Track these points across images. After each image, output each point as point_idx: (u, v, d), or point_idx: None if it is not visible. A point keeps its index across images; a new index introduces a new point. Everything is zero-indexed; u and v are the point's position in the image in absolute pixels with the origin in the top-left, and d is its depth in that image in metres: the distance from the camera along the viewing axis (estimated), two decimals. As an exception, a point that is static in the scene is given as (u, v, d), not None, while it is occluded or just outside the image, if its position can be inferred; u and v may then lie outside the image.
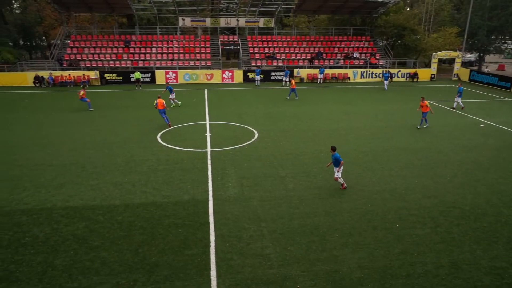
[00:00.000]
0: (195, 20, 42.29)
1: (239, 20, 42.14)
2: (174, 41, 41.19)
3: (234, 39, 42.54)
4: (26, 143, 17.98)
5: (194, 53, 40.22)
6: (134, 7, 41.75)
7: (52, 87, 34.53)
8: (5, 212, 11.44)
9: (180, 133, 19.86)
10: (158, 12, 43.99)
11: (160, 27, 43.35)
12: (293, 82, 29.44)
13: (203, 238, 10.12)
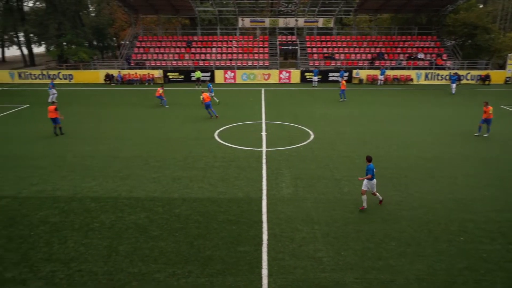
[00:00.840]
0: (254, 21, 42.85)
1: (297, 20, 41.98)
2: (233, 42, 42.07)
3: (292, 39, 42.46)
4: (97, 136, 19.41)
5: (252, 53, 40.77)
6: (196, 9, 43.28)
7: (120, 84, 36.93)
8: (77, 198, 12.47)
9: (237, 131, 20.25)
10: (219, 13, 45.20)
11: (220, 27, 44.52)
12: (344, 83, 28.64)
13: (255, 236, 10.25)
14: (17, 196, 12.68)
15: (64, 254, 9.46)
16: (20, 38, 57.82)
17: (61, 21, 48.54)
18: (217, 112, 23.41)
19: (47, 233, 10.44)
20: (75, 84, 37.38)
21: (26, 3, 56.37)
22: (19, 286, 8.34)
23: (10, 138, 19.29)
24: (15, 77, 38.67)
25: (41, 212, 11.58)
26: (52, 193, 12.87)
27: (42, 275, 8.70)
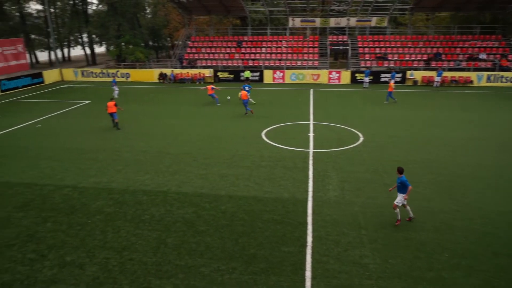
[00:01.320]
0: (305, 21, 42.52)
1: (349, 19, 41.05)
2: (283, 41, 42.04)
3: (343, 39, 41.60)
4: (150, 133, 20.29)
5: (302, 53, 40.49)
6: (247, 9, 43.77)
7: (173, 83, 38.30)
8: (130, 191, 13.13)
9: (284, 131, 20.22)
10: (270, 14, 45.37)
11: (270, 28, 44.68)
12: (392, 85, 27.45)
13: (300, 238, 10.18)
14: (77, 186, 13.60)
15: (117, 243, 10.00)
16: (84, 39, 61.86)
17: (121, 22, 51.29)
18: (264, 112, 23.70)
19: (102, 222, 11.10)
20: (131, 82, 39.34)
21: (90, 6, 60.29)
22: (77, 269, 8.95)
23: (72, 132, 20.72)
24: (79, 75, 41.47)
25: (98, 202, 12.33)
26: (107, 185, 13.65)
27: (97, 261, 9.26)
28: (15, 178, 14.42)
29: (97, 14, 57.11)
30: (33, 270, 8.97)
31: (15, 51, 36.75)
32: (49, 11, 48.73)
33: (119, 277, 8.66)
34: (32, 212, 11.78)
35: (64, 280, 8.59)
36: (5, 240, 10.26)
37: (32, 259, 9.40)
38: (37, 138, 19.68)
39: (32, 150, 17.60)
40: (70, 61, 65.89)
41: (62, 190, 13.26)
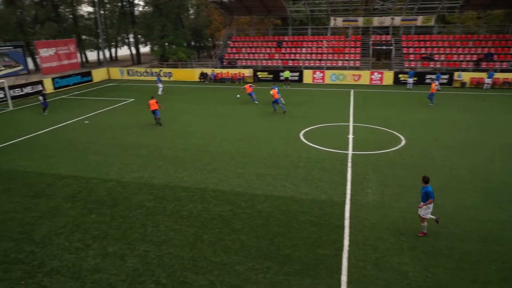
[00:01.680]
0: (347, 20, 41.72)
1: (394, 18, 39.80)
2: (324, 41, 41.52)
3: (386, 38, 40.39)
4: (190, 130, 20.77)
5: (343, 53, 39.77)
6: (289, 9, 43.63)
7: (213, 82, 38.96)
8: (170, 186, 13.52)
9: (323, 132, 19.96)
10: (311, 13, 44.95)
11: (311, 27, 44.26)
12: (434, 86, 26.18)
13: (336, 241, 10.01)
14: (120, 180, 14.19)
15: (156, 237, 10.34)
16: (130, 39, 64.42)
17: (165, 23, 52.89)
18: (303, 112, 23.63)
19: (143, 215, 11.51)
20: (173, 81, 40.46)
21: (137, 7, 62.70)
22: (118, 260, 9.34)
23: (117, 128, 21.65)
24: (124, 74, 43.25)
25: (139, 197, 12.80)
26: (149, 180, 14.13)
27: (137, 253, 9.62)
28: (65, 170, 15.30)
29: (143, 15, 59.26)
30: (78, 258, 9.47)
31: (68, 51, 38.94)
32: (99, 13, 51.19)
33: (157, 270, 8.94)
34: (79, 203, 12.44)
35: (106, 269, 9.00)
36: (54, 228, 10.91)
37: (77, 248, 9.92)
38: (85, 133, 20.76)
39: (80, 145, 18.58)
40: (117, 60, 68.84)
41: (107, 184, 13.90)
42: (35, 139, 19.97)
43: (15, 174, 15.01)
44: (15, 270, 9.05)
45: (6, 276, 8.84)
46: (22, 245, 10.09)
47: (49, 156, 17.03)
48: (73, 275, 8.80)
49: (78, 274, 8.84)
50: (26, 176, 14.79)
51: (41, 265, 9.21)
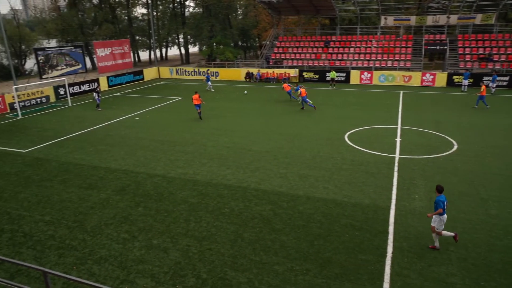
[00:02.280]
0: (399, 19, 40.19)
1: (450, 17, 37.74)
2: (373, 41, 40.33)
3: (441, 38, 38.41)
4: (234, 129, 21.07)
5: (393, 54, 38.37)
6: (337, 8, 42.85)
7: (258, 82, 39.21)
8: (213, 184, 13.80)
9: (369, 135, 19.41)
10: (360, 12, 43.84)
11: (360, 27, 43.15)
12: (483, 88, 24.40)
13: (379, 247, 9.70)
14: (166, 175, 14.70)
15: (198, 232, 10.60)
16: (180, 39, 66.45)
17: (213, 23, 54.03)
18: (349, 113, 23.21)
19: (186, 211, 11.85)
20: (220, 80, 41.21)
21: (187, 9, 64.60)
22: (162, 253, 9.69)
23: (165, 125, 22.45)
24: (174, 73, 44.72)
25: (183, 192, 13.18)
26: (193, 176, 14.52)
27: (179, 247, 9.92)
28: (115, 164, 16.12)
29: (193, 16, 60.94)
30: (125, 248, 9.94)
31: (122, 51, 40.94)
32: (152, 14, 53.35)
33: (198, 265, 9.16)
34: (127, 196, 13.05)
35: (150, 261, 9.37)
36: (105, 219, 11.53)
37: (125, 238, 10.42)
38: (135, 129, 21.74)
39: (130, 140, 19.49)
40: (167, 60, 71.29)
41: (153, 179, 14.46)
42: (90, 133, 21.23)
43: (71, 166, 16.06)
44: (68, 256, 9.68)
45: (61, 261, 9.48)
46: (76, 233, 10.77)
47: (102, 150, 18.03)
48: (119, 264, 9.26)
49: (124, 264, 9.28)
50: (81, 169, 15.76)
51: (91, 253, 9.78)
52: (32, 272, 8.98)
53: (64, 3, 59.90)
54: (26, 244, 10.31)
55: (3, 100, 27.84)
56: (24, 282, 8.44)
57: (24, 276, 8.90)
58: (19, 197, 13.24)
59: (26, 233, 10.85)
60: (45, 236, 10.65)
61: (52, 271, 5.94)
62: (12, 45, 49.36)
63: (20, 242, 10.40)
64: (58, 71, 33.49)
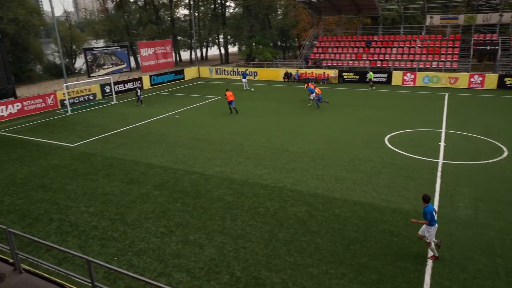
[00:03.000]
0: (445, 18, 38.49)
1: (503, 15, 35.60)
2: (417, 41, 38.88)
3: (492, 37, 36.33)
4: (271, 129, 21.08)
5: (439, 54, 36.78)
6: (380, 8, 41.69)
7: (297, 82, 38.99)
8: (249, 183, 13.89)
9: (411, 138, 18.74)
10: (404, 11, 42.40)
11: (404, 26, 41.73)
12: None
13: (418, 255, 9.35)
14: (204, 173, 14.98)
15: (233, 230, 10.71)
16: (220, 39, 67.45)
17: (253, 24, 54.37)
18: (390, 116, 22.62)
19: (222, 209, 12.01)
20: (258, 80, 41.41)
21: (228, 9, 65.42)
22: (197, 248, 9.88)
23: (204, 124, 22.88)
24: (213, 72, 45.47)
25: (220, 190, 13.37)
26: (229, 175, 14.69)
27: (215, 244, 10.08)
28: (155, 160, 16.64)
29: (233, 16, 61.62)
30: (163, 242, 10.24)
31: (164, 51, 42.17)
32: (193, 15, 54.52)
33: (232, 263, 9.26)
34: (166, 192, 13.43)
35: (186, 256, 9.59)
36: (144, 213, 11.94)
37: (162, 233, 10.74)
38: (175, 127, 22.32)
39: (170, 138, 20.04)
40: (207, 59, 72.58)
41: (191, 176, 14.78)
42: (132, 130, 22.05)
43: (115, 161, 16.76)
44: (110, 247, 10.12)
45: (103, 251, 9.93)
46: (117, 225, 11.24)
47: (143, 147, 18.67)
48: (157, 258, 9.55)
49: (162, 257, 9.56)
50: (124, 163, 16.42)
51: (131, 245, 10.16)
52: (77, 260, 9.47)
53: (112, 5, 62.57)
54: (72, 233, 10.89)
55: (55, 97, 29.57)
56: (70, 269, 8.91)
57: (69, 263, 9.40)
58: (67, 189, 14.01)
59: (72, 223, 11.46)
60: (89, 227, 11.19)
61: (95, 260, 6.24)
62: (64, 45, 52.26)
63: (66, 231, 11.00)
64: (105, 70, 35.09)
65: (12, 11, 42.27)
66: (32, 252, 9.82)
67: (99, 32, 59.06)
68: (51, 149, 18.99)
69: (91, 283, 6.26)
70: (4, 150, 19.06)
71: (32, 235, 10.65)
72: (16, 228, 10.99)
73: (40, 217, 11.90)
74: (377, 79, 35.99)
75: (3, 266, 7.47)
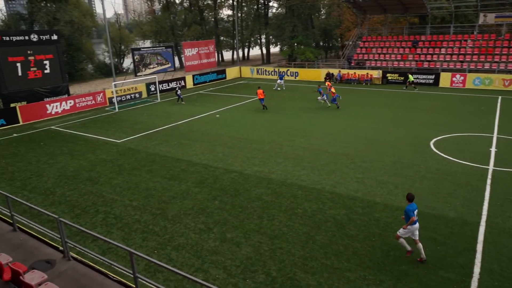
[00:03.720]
0: (501, 16, 36.19)
1: None
2: (468, 41, 36.89)
3: (554, 37, 33.71)
4: (310, 130, 20.89)
5: (492, 55, 34.68)
6: (429, 6, 40.00)
7: (338, 83, 38.32)
8: (287, 183, 13.85)
9: (458, 143, 17.84)
10: (455, 10, 40.37)
11: (454, 25, 39.75)
12: None
13: (464, 266, 8.88)
14: (242, 172, 15.13)
15: (270, 230, 10.73)
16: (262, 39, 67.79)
17: (296, 24, 54.09)
18: (437, 119, 21.64)
19: (260, 208, 12.07)
20: (298, 81, 41.17)
21: (271, 9, 65.59)
22: (234, 246, 10.00)
23: (243, 123, 23.10)
24: (254, 72, 45.77)
25: (258, 190, 13.44)
26: (268, 175, 14.72)
27: (251, 243, 10.15)
28: (196, 158, 17.03)
29: (276, 17, 61.66)
30: (201, 239, 10.46)
31: (207, 51, 43.03)
32: (236, 15, 55.18)
33: (268, 262, 9.28)
34: (205, 189, 13.70)
35: (223, 253, 9.73)
36: (184, 209, 12.26)
37: (201, 229, 10.97)
38: (215, 126, 22.72)
39: (210, 136, 20.42)
40: (249, 59, 73.19)
41: (230, 174, 14.98)
42: (175, 128, 22.71)
43: (158, 158, 17.35)
44: (151, 240, 10.49)
45: (144, 244, 10.32)
46: (158, 220, 11.63)
47: (185, 144, 19.17)
48: (195, 253, 9.78)
49: (200, 253, 9.77)
50: (165, 160, 16.95)
51: (171, 240, 10.47)
52: (120, 251, 9.91)
53: (159, 7, 64.76)
54: (116, 225, 11.40)
55: (104, 95, 31.10)
56: (113, 259, 9.34)
57: (113, 254, 9.86)
58: (113, 183, 14.69)
59: (116, 215, 12.00)
60: (132, 220, 11.67)
61: (137, 252, 6.50)
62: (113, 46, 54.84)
63: (111, 223, 11.54)
64: (150, 69, 36.39)
65: (68, 13, 44.96)
66: (79, 241, 10.40)
67: (146, 33, 61.39)
68: (99, 144, 19.99)
69: (132, 274, 6.54)
70: (57, 144, 20.32)
71: (80, 225, 11.27)
72: (66, 218, 11.68)
73: (88, 209, 12.57)
74: (423, 80, 34.60)
75: (54, 253, 7.98)
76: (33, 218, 11.26)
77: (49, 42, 27.99)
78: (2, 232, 8.96)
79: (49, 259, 7.70)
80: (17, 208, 11.74)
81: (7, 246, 8.19)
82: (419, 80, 34.71)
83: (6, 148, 19.92)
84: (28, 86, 26.89)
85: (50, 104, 27.26)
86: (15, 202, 10.30)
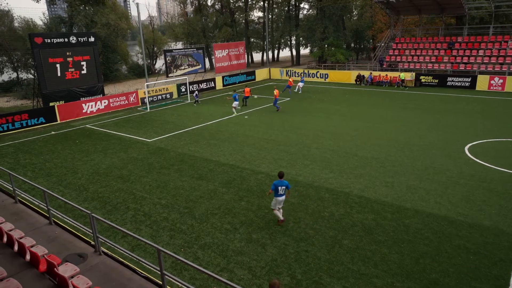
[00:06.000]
0: (546, 16, 34.31)
1: None
2: (509, 42, 35.22)
3: None
4: (340, 132, 20.61)
5: (536, 56, 32.95)
6: (467, 6, 38.52)
7: (370, 85, 37.61)
8: (314, 186, 13.73)
9: (496, 148, 17.07)
10: (496, 10, 38.65)
11: (494, 26, 38.06)
12: None
13: (499, 277, 8.48)
14: (269, 173, 15.13)
15: (296, 233, 10.67)
16: (292, 41, 67.57)
17: (326, 25, 53.54)
18: (472, 122, 20.83)
19: (286, 210, 11.98)
20: (328, 83, 40.70)
21: (302, 11, 65.27)
22: (260, 247, 10.01)
23: (271, 125, 23.09)
24: (283, 74, 45.67)
25: (285, 191, 13.38)
26: (295, 177, 14.65)
27: (277, 244, 10.13)
28: (224, 158, 17.19)
29: (306, 18, 61.29)
30: (227, 239, 10.55)
31: (237, 53, 43.38)
32: (267, 17, 55.29)
33: (293, 265, 9.24)
34: (232, 189, 13.81)
35: (248, 254, 9.77)
36: (211, 209, 12.41)
37: (227, 229, 11.06)
38: (244, 127, 22.85)
39: (238, 137, 20.56)
40: (278, 61, 73.13)
41: (257, 175, 15.02)
42: (204, 128, 23.03)
43: (186, 157, 17.65)
44: (178, 238, 10.68)
45: (171, 242, 10.52)
46: (185, 218, 11.83)
47: (213, 145, 19.40)
48: (221, 253, 9.87)
49: (225, 253, 9.86)
50: (194, 160, 17.21)
51: (197, 238, 10.62)
52: (148, 248, 10.16)
53: (191, 9, 65.95)
54: (145, 222, 11.70)
55: (136, 95, 31.99)
56: (141, 256, 9.59)
57: (141, 250, 10.12)
58: (143, 181, 15.08)
59: (146, 213, 12.31)
60: (160, 218, 11.93)
61: (164, 250, 6.64)
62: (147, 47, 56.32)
63: (140, 220, 11.85)
64: (181, 71, 37.10)
65: (105, 16, 46.61)
66: (110, 236, 10.75)
67: (178, 34, 62.60)
68: (130, 143, 20.58)
69: (159, 270, 6.69)
70: (92, 142, 21.10)
71: (111, 221, 11.65)
72: (98, 214, 12.11)
73: (118, 206, 12.97)
74: (459, 83, 33.40)
75: (86, 247, 8.29)
76: (67, 212, 11.76)
77: (87, 44, 29.11)
78: (39, 225, 9.41)
79: (81, 252, 8.01)
80: (53, 203, 12.27)
81: (43, 239, 8.59)
82: (454, 83, 33.51)
83: (45, 145, 20.89)
84: (66, 86, 28.08)
85: (86, 103, 28.34)
86: (51, 197, 10.78)
